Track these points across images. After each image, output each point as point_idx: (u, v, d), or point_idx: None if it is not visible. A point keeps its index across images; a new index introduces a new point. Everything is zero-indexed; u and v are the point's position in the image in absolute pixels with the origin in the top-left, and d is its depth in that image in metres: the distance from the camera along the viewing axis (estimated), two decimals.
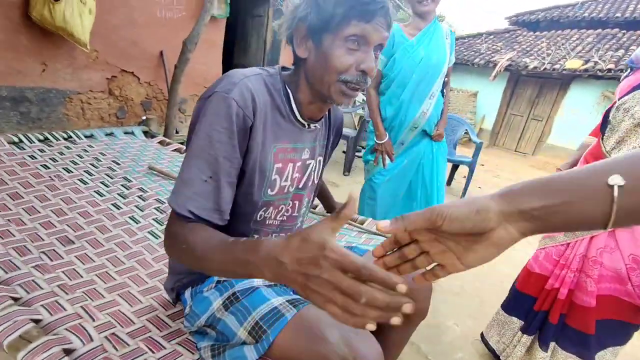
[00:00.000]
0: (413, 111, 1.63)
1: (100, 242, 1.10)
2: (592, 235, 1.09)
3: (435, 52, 1.57)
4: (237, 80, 0.63)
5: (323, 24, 0.63)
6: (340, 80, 0.64)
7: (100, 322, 0.79)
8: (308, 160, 0.80)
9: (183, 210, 0.60)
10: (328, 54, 0.63)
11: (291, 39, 0.69)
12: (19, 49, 2.35)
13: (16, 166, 1.42)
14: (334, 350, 0.58)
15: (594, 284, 1.07)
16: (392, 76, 1.60)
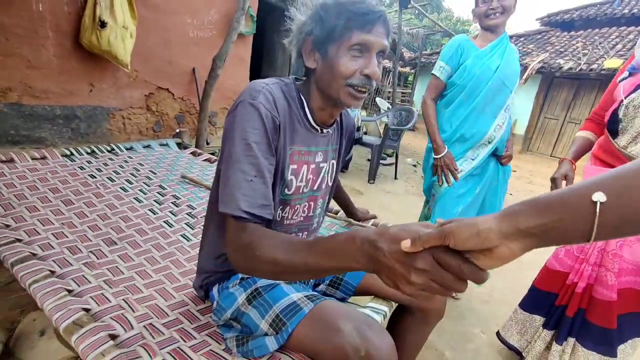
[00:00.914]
0: (487, 123, 1.47)
1: (138, 244, 1.21)
2: None
3: (510, 62, 1.46)
4: (260, 88, 0.70)
5: (327, 36, 0.69)
6: (347, 84, 0.69)
7: (139, 313, 0.87)
8: (321, 164, 0.85)
9: (238, 212, 0.62)
10: (334, 62, 0.69)
11: (299, 53, 0.75)
12: (70, 72, 2.62)
13: (68, 176, 1.59)
14: (347, 341, 0.62)
15: (614, 277, 1.06)
16: (462, 84, 1.46)
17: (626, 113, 1.08)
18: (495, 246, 0.39)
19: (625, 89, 1.10)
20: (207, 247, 0.85)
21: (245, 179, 0.64)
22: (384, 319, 0.82)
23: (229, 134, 0.68)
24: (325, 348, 0.65)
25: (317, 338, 0.66)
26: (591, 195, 0.36)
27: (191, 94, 3.56)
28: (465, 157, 1.52)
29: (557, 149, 7.24)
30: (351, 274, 0.91)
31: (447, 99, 1.53)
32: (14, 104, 2.42)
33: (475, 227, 0.39)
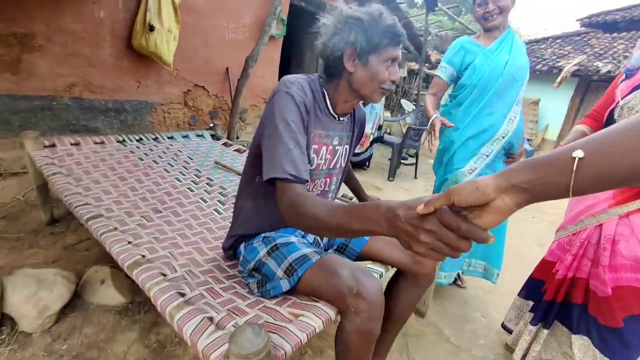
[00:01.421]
0: (500, 118, 1.48)
1: (179, 213, 1.44)
2: (599, 223, 1.09)
3: (518, 56, 1.47)
4: (294, 80, 0.89)
5: (371, 49, 0.86)
6: (380, 88, 0.90)
7: (181, 262, 1.09)
8: (337, 147, 1.03)
9: (284, 174, 0.76)
10: (374, 70, 0.88)
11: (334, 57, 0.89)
12: (122, 70, 2.96)
13: (122, 158, 1.87)
14: (343, 282, 0.79)
15: (604, 271, 1.05)
16: (473, 84, 1.48)
17: (620, 114, 1.10)
18: (492, 199, 0.44)
19: (623, 91, 1.12)
20: (240, 215, 1.04)
21: (288, 148, 0.79)
22: (380, 278, 0.98)
23: (269, 116, 0.85)
24: (326, 288, 0.83)
25: (320, 281, 0.84)
26: (572, 153, 0.42)
27: (224, 91, 3.84)
28: (479, 154, 1.53)
29: None
30: (355, 241, 1.07)
31: (458, 100, 1.56)
32: (76, 98, 2.78)
33: (475, 184, 0.46)
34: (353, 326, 0.79)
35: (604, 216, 1.08)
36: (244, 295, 0.95)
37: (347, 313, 0.79)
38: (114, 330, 1.26)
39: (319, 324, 0.77)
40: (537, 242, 2.70)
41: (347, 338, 0.81)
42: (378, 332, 0.82)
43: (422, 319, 1.58)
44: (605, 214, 1.08)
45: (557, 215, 3.46)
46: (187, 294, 0.90)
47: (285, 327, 0.75)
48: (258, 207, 1.00)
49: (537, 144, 7.40)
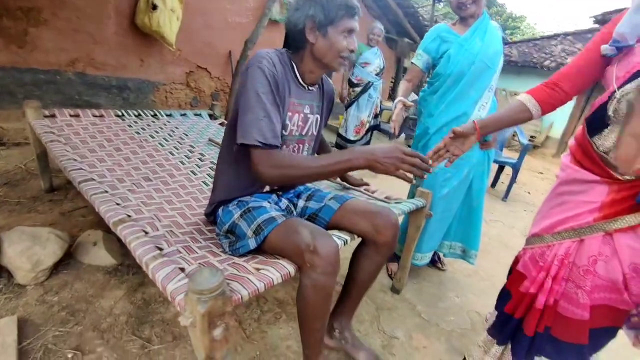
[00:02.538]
0: (471, 104, 1.53)
1: (168, 183, 1.51)
2: (581, 238, 0.90)
3: (492, 43, 1.49)
4: (264, 55, 0.96)
5: (328, 21, 0.95)
6: (340, 56, 0.99)
7: (164, 223, 1.16)
8: (309, 115, 1.11)
9: (253, 141, 0.87)
10: (333, 41, 0.97)
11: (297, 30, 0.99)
12: (125, 48, 3.03)
13: (119, 131, 1.94)
14: (302, 240, 0.86)
15: (586, 295, 0.89)
16: (448, 72, 1.52)
17: (618, 109, 0.82)
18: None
19: (618, 77, 0.85)
20: (220, 182, 1.11)
21: (257, 118, 0.89)
22: (344, 244, 1.04)
23: (243, 89, 0.94)
24: (287, 245, 0.90)
25: (283, 239, 0.91)
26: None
27: (226, 74, 3.89)
28: None
29: None
30: (325, 211, 1.14)
31: (434, 88, 1.59)
32: (79, 73, 2.86)
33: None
34: (310, 281, 0.86)
35: (587, 231, 0.89)
36: (217, 253, 1.02)
37: (304, 268, 0.86)
38: (103, 287, 1.35)
39: (277, 277, 0.84)
40: (523, 233, 2.75)
41: (304, 293, 0.88)
42: (333, 287, 0.89)
43: (397, 295, 1.65)
44: (588, 229, 0.88)
45: None
46: (164, 248, 0.98)
47: (246, 277, 0.82)
48: (237, 173, 1.08)
49: (541, 141, 7.36)
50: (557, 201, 0.97)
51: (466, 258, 1.79)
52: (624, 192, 0.84)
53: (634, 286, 0.85)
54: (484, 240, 2.26)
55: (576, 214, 0.91)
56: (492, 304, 1.43)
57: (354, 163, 0.88)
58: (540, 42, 8.54)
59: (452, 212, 1.70)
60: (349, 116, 3.74)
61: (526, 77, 7.66)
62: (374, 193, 1.62)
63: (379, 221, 1.06)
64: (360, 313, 1.48)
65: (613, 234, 0.86)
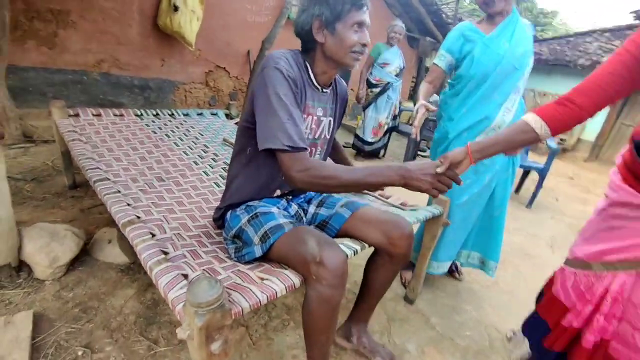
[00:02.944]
0: (495, 108, 1.43)
1: (181, 183, 1.52)
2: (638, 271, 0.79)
3: (520, 43, 1.39)
4: (280, 56, 0.93)
5: (335, 17, 0.92)
6: (351, 51, 0.94)
7: (172, 225, 1.16)
8: (322, 117, 1.08)
9: (281, 145, 0.84)
10: (342, 37, 0.93)
11: (305, 32, 0.96)
12: (148, 49, 3.10)
13: (137, 130, 1.98)
14: (308, 250, 0.82)
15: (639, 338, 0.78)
16: (471, 74, 1.42)
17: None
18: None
19: None
20: (232, 185, 1.09)
21: (282, 121, 0.85)
22: (354, 255, 1.00)
23: (261, 91, 0.90)
24: (294, 255, 0.86)
25: (289, 248, 0.88)
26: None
27: (244, 73, 3.92)
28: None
29: None
30: (335, 218, 1.10)
31: (456, 90, 1.50)
32: (104, 74, 2.96)
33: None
34: (315, 293, 0.82)
35: (630, 266, 0.79)
36: (222, 259, 1.01)
37: (310, 280, 0.83)
38: (115, 285, 1.37)
39: (281, 288, 0.81)
40: (549, 243, 2.59)
41: (310, 305, 0.85)
42: (339, 300, 0.85)
43: (411, 306, 1.59)
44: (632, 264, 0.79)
45: (579, 219, 3.29)
46: (170, 252, 0.97)
47: (248, 288, 0.80)
48: (249, 176, 1.06)
49: (572, 144, 6.97)
50: (607, 224, 0.85)
51: (485, 269, 1.70)
52: None
53: None
54: (504, 249, 2.15)
55: (635, 243, 0.79)
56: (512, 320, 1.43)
57: (389, 179, 0.84)
58: (574, 39, 8.07)
59: (471, 220, 1.61)
60: (366, 118, 3.67)
61: (558, 77, 7.27)
62: (388, 199, 1.57)
63: (393, 232, 1.01)
64: (371, 323, 1.43)
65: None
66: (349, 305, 1.32)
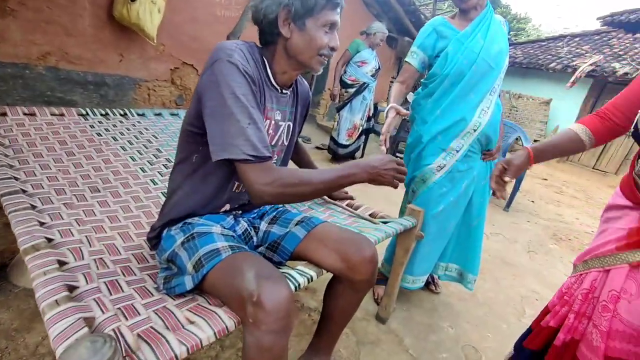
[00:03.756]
0: (471, 109, 1.34)
1: (120, 194, 1.31)
2: (606, 269, 0.82)
3: (495, 40, 1.30)
4: (233, 47, 0.77)
5: (306, 11, 0.79)
6: (319, 54, 0.83)
7: (95, 248, 0.96)
8: (280, 122, 0.93)
9: (242, 155, 0.72)
10: (311, 35, 0.81)
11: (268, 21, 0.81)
12: (103, 42, 2.82)
13: (78, 132, 1.74)
14: (245, 286, 0.66)
15: (600, 338, 0.79)
16: (445, 73, 1.32)
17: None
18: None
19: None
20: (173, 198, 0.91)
21: (242, 126, 0.72)
22: (308, 282, 0.84)
23: (212, 91, 0.74)
24: (229, 291, 0.70)
25: (224, 281, 0.71)
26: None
27: None
28: (448, 149, 1.37)
29: (601, 161, 6.64)
30: (288, 239, 0.94)
31: (429, 90, 1.39)
32: (51, 68, 2.66)
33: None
34: (253, 340, 0.66)
35: (610, 260, 0.81)
36: (148, 292, 0.82)
37: (247, 324, 0.66)
38: (32, 318, 1.15)
39: (209, 335, 0.64)
40: (526, 248, 2.54)
41: (248, 354, 0.68)
42: (284, 347, 0.69)
43: (383, 326, 1.45)
44: (611, 257, 0.81)
45: (554, 221, 3.28)
46: (79, 286, 0.78)
47: (165, 338, 0.62)
48: (193, 188, 0.89)
49: None
50: (600, 228, 0.91)
51: (463, 282, 1.59)
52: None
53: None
54: (483, 256, 2.05)
55: (606, 241, 0.84)
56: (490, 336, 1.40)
57: (357, 177, 0.83)
58: (546, 44, 8.31)
59: (448, 231, 1.49)
60: (341, 119, 3.54)
61: (532, 79, 7.43)
62: (357, 209, 1.42)
63: (352, 255, 0.86)
64: (338, 347, 1.28)
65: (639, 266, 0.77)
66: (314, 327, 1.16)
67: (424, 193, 1.43)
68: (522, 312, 1.74)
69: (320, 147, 4.22)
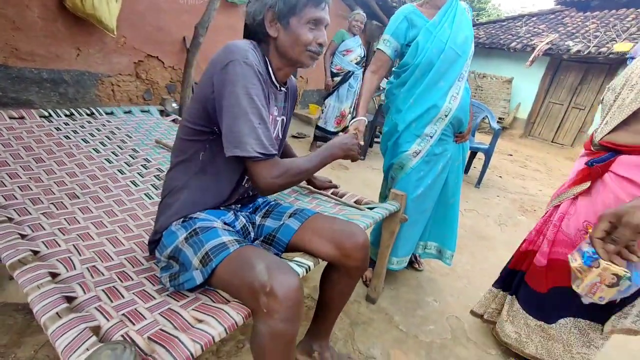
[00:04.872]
0: (442, 96, 1.39)
1: (101, 199, 1.27)
2: (561, 202, 1.17)
3: (461, 29, 1.37)
4: (246, 48, 0.81)
5: (289, 11, 0.83)
6: (307, 50, 0.86)
7: (85, 257, 0.94)
8: (277, 117, 0.97)
9: (253, 153, 0.78)
10: (296, 33, 0.84)
11: (257, 23, 0.86)
12: (56, 35, 2.62)
13: (43, 136, 1.64)
14: (257, 277, 0.69)
15: (547, 246, 1.16)
16: (416, 63, 1.37)
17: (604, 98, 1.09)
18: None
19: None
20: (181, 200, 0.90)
21: (253, 126, 0.78)
22: (306, 272, 0.88)
23: (228, 91, 0.77)
24: (239, 283, 0.72)
25: (234, 274, 0.73)
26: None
27: (181, 63, 3.53)
28: (423, 135, 1.44)
29: (559, 135, 7.11)
30: (283, 231, 0.96)
31: (401, 79, 1.44)
32: (0, 66, 2.45)
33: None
34: (266, 328, 0.69)
35: (564, 195, 1.16)
36: (149, 295, 0.83)
37: (260, 313, 0.69)
38: (21, 332, 1.11)
39: (220, 332, 0.66)
40: (497, 221, 2.72)
41: (261, 341, 0.71)
42: (295, 334, 0.73)
43: (373, 306, 1.53)
44: (565, 194, 1.16)
45: (520, 194, 3.52)
46: (77, 297, 0.77)
47: (177, 338, 0.64)
48: (204, 185, 0.91)
49: (509, 122, 7.52)
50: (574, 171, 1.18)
51: (442, 259, 1.70)
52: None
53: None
54: (459, 232, 2.18)
55: (565, 184, 1.18)
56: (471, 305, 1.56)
57: (336, 156, 0.99)
58: (506, 24, 8.62)
59: (427, 212, 1.58)
60: (328, 107, 3.57)
61: (494, 59, 7.71)
62: (342, 197, 1.47)
63: (345, 243, 0.91)
64: (333, 331, 1.34)
65: (579, 197, 1.10)
66: (310, 313, 1.21)
67: (402, 179, 1.50)
68: None
69: (296, 135, 4.22)
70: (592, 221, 1.03)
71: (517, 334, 1.27)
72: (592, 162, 1.05)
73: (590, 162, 1.05)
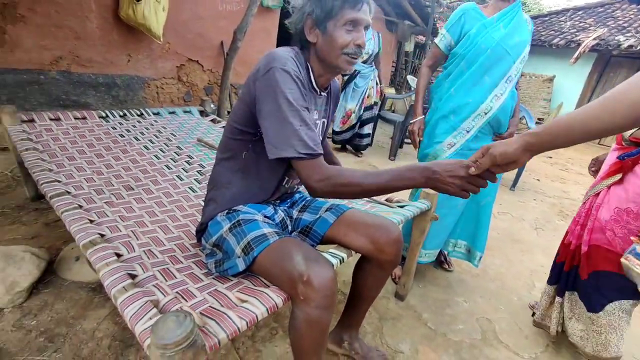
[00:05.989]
0: (484, 93, 1.40)
1: (152, 191, 1.41)
2: (597, 193, 1.24)
3: (517, 31, 1.38)
4: (286, 56, 0.84)
5: (326, 15, 0.85)
6: (343, 53, 0.86)
7: (142, 241, 1.06)
8: (317, 120, 1.00)
9: (296, 154, 0.79)
10: (333, 36, 0.85)
11: (298, 31, 0.90)
12: (111, 43, 2.88)
13: (102, 134, 1.83)
14: (295, 267, 0.75)
15: (587, 234, 1.22)
16: (463, 53, 1.41)
17: None
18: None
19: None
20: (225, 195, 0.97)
21: (295, 128, 0.79)
22: (340, 263, 0.93)
23: (267, 96, 0.81)
24: (278, 272, 0.79)
25: (274, 263, 0.80)
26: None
27: (219, 66, 3.73)
28: (459, 129, 1.46)
29: (606, 137, 6.63)
30: (320, 224, 1.02)
31: (448, 70, 1.48)
32: (64, 72, 2.73)
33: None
34: (303, 315, 0.76)
35: (599, 187, 1.23)
36: (198, 277, 0.92)
37: (297, 301, 0.76)
38: (86, 307, 1.26)
39: (262, 311, 0.74)
40: (533, 225, 2.62)
41: (298, 326, 0.78)
42: (329, 321, 0.79)
43: (402, 302, 1.55)
44: (599, 185, 1.23)
45: (560, 198, 3.35)
46: (138, 275, 0.88)
47: (226, 314, 0.72)
48: (248, 182, 0.97)
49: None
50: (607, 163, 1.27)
51: (470, 259, 1.69)
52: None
53: (617, 228, 1.12)
54: (492, 234, 2.15)
55: (597, 178, 1.28)
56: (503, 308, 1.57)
57: (413, 182, 0.79)
58: (548, 19, 8.17)
59: (458, 209, 1.58)
60: None
61: (534, 57, 7.32)
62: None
63: (379, 237, 0.95)
64: (362, 324, 1.38)
65: (611, 187, 1.19)
66: (340, 306, 1.27)
67: None
68: (531, 285, 1.84)
69: None
70: (622, 207, 1.13)
71: (582, 331, 1.26)
72: (623, 156, 1.15)
73: (622, 156, 1.16)
